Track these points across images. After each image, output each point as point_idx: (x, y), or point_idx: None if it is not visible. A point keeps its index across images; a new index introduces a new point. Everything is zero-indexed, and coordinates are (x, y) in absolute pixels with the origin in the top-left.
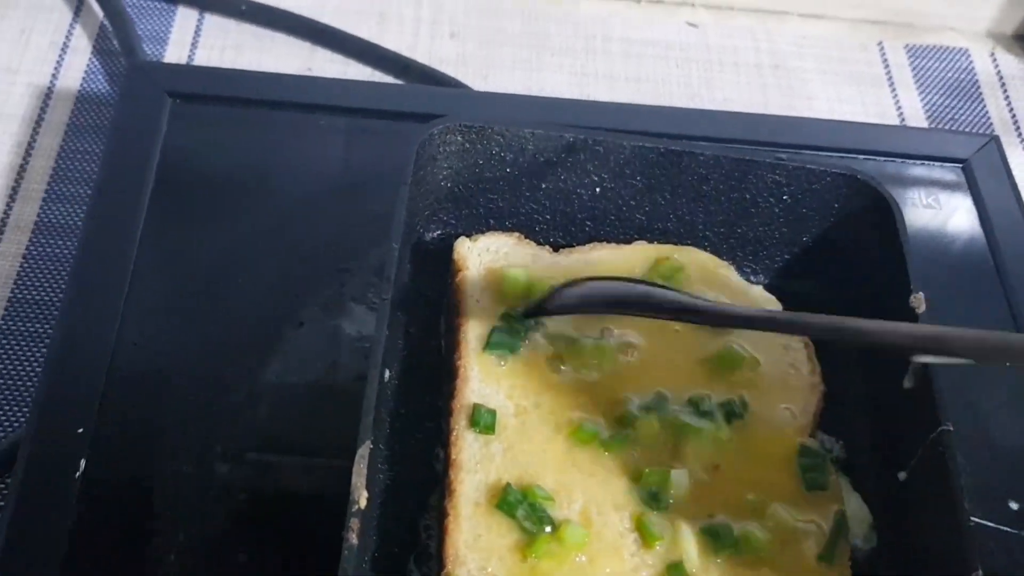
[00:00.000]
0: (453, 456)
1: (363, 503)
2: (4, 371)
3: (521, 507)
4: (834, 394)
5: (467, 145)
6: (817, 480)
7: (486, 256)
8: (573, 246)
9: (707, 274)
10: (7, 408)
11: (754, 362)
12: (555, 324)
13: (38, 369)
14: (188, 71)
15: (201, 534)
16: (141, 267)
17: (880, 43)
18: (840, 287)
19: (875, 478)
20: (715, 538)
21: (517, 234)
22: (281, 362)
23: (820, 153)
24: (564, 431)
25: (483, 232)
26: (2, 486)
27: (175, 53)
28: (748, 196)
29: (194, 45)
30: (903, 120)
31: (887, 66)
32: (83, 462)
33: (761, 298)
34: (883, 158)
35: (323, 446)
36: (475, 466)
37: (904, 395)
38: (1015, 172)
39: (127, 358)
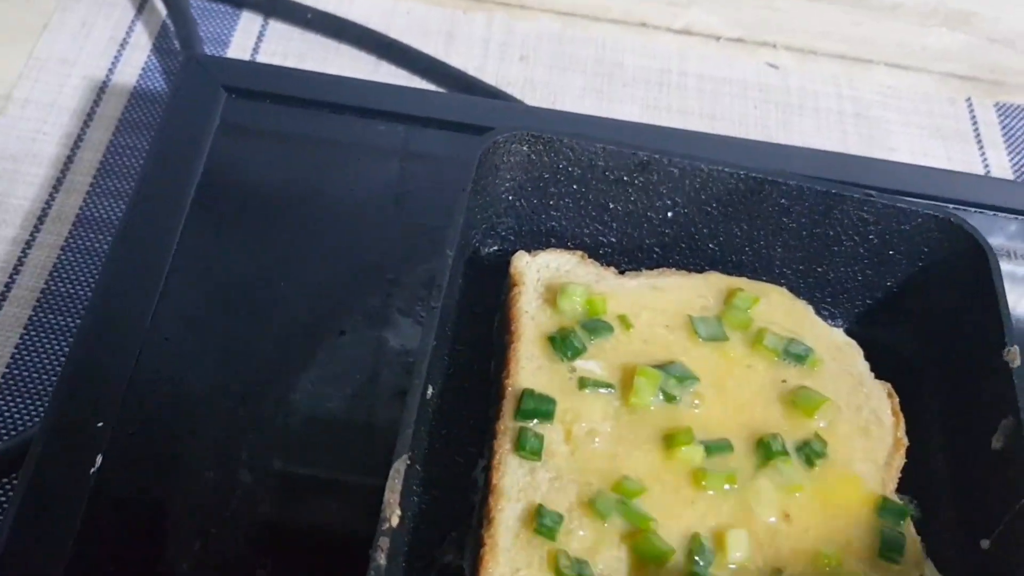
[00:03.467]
0: (495, 481)
1: (395, 521)
2: (33, 363)
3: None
4: (912, 450)
5: (533, 156)
6: (896, 542)
7: (545, 273)
8: (640, 271)
9: (784, 311)
10: (32, 401)
11: (833, 408)
12: (611, 351)
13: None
14: (246, 66)
15: (219, 544)
16: (179, 263)
17: (969, 99)
18: (926, 337)
19: (954, 545)
20: None
21: (580, 252)
22: (319, 371)
23: (907, 198)
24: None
25: (543, 249)
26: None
27: (236, 56)
28: (832, 233)
29: (256, 50)
30: None
31: (975, 123)
32: (100, 457)
33: (842, 341)
34: (973, 209)
35: (355, 461)
36: (518, 494)
37: (992, 456)
38: None
39: (157, 354)
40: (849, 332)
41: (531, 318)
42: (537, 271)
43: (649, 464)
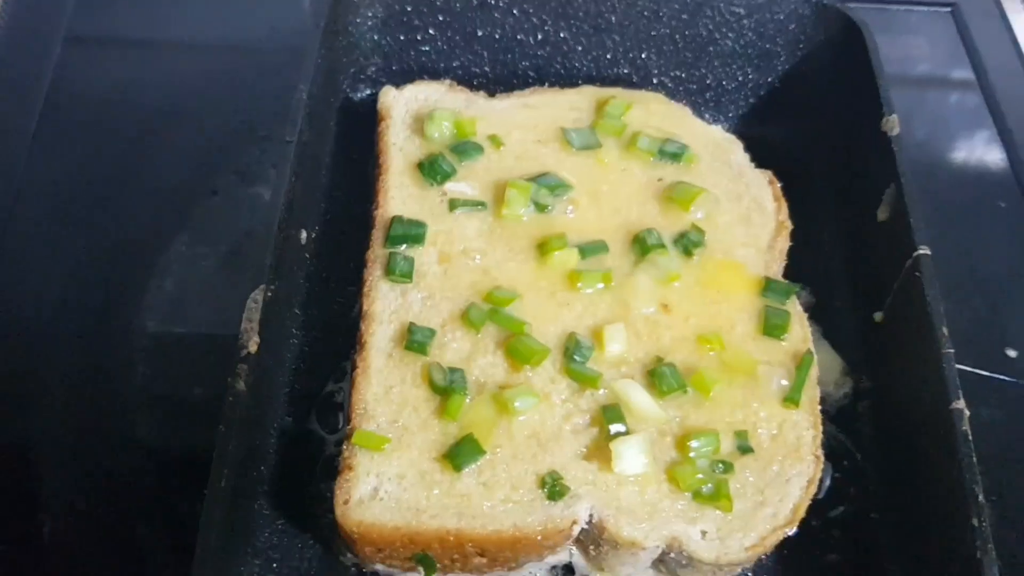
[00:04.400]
0: (365, 308)
1: (252, 348)
2: None
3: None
4: (805, 240)
5: None
6: (780, 319)
7: (413, 105)
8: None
9: (661, 115)
10: None
11: (710, 198)
12: (483, 171)
13: None
14: None
15: (93, 413)
16: (49, 122)
17: None
18: (810, 125)
19: (850, 324)
20: (660, 380)
21: (449, 81)
22: (191, 234)
23: None
24: (493, 278)
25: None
26: None
27: None
28: (705, 33)
29: None
30: None
31: None
32: None
33: (720, 137)
34: (867, 4)
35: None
36: (389, 316)
37: (878, 228)
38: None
39: (23, 232)
40: (735, 132)
41: (399, 149)
42: (405, 104)
43: (524, 272)
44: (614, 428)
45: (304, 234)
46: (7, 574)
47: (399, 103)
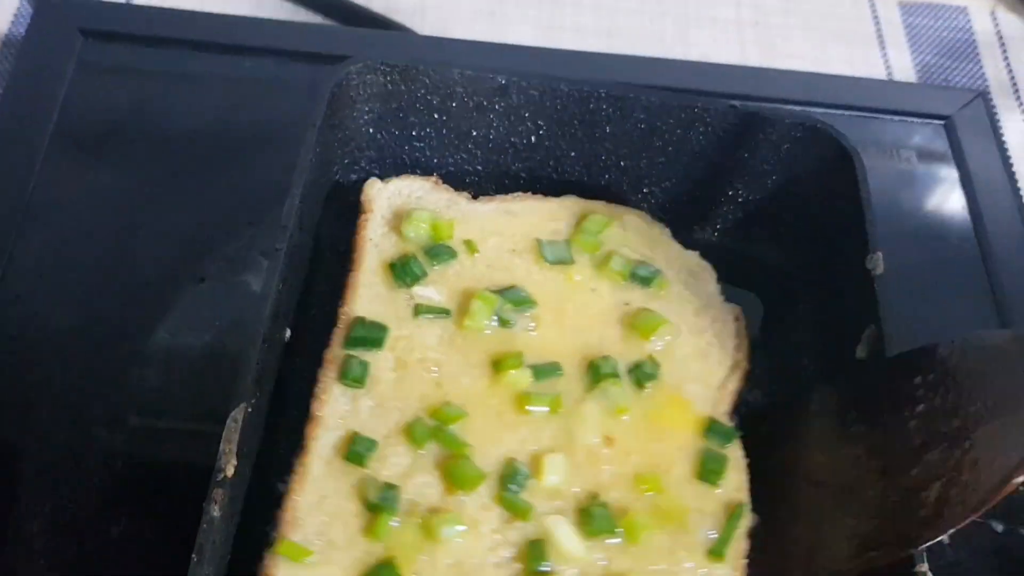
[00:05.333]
0: (314, 410)
1: (230, 472)
2: None
3: (370, 471)
4: (783, 355)
5: (390, 87)
6: (716, 464)
7: (396, 200)
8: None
9: (639, 234)
10: None
11: (672, 329)
12: (454, 277)
13: None
14: (100, 6)
15: (72, 503)
16: (34, 209)
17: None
18: (795, 246)
19: None
20: (591, 521)
21: (435, 178)
22: (177, 320)
23: (792, 107)
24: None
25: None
26: None
27: None
28: (699, 149)
29: None
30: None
31: (877, 23)
32: None
33: (695, 264)
34: (861, 113)
35: (214, 411)
36: (336, 422)
37: (857, 365)
38: (1009, 136)
39: (8, 302)
40: (720, 246)
41: (375, 245)
42: (388, 198)
43: (475, 389)
44: (538, 566)
45: (288, 333)
46: None
47: (382, 196)
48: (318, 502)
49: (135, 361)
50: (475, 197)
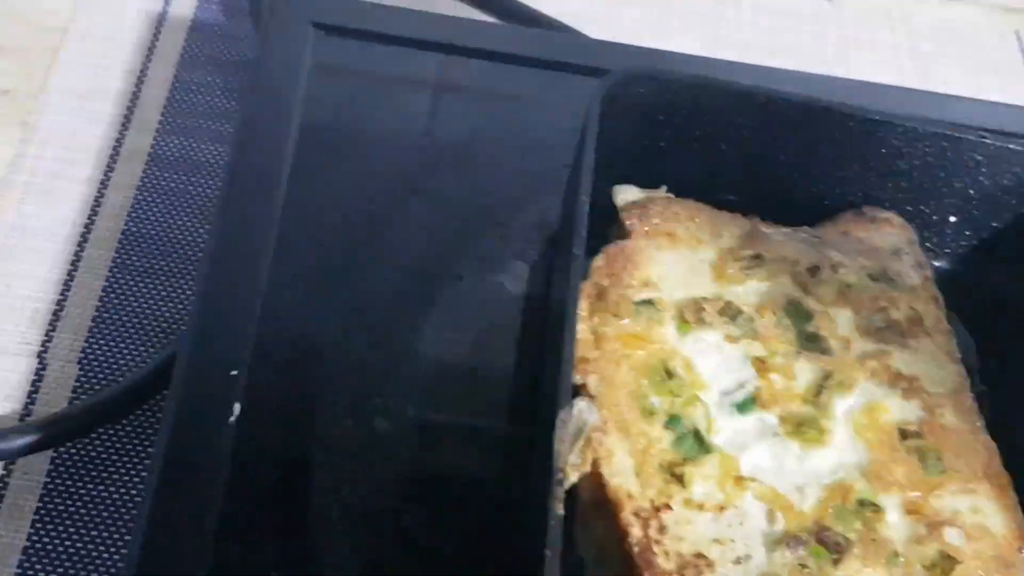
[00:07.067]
0: None
1: (574, 477)
2: (122, 303)
3: None
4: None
5: (651, 98)
6: None
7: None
8: None
9: None
10: (125, 342)
11: None
12: None
13: (153, 305)
14: (334, 2)
15: (363, 492)
16: (289, 211)
17: (1017, 31)
18: None
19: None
20: None
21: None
22: (440, 317)
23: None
24: None
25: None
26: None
27: None
28: (943, 175)
29: None
30: None
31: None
32: (237, 406)
33: None
34: None
35: (487, 407)
36: None
37: None
38: None
39: (279, 305)
40: (950, 271)
41: None
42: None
43: None
44: None
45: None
46: None
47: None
48: None
49: (407, 358)
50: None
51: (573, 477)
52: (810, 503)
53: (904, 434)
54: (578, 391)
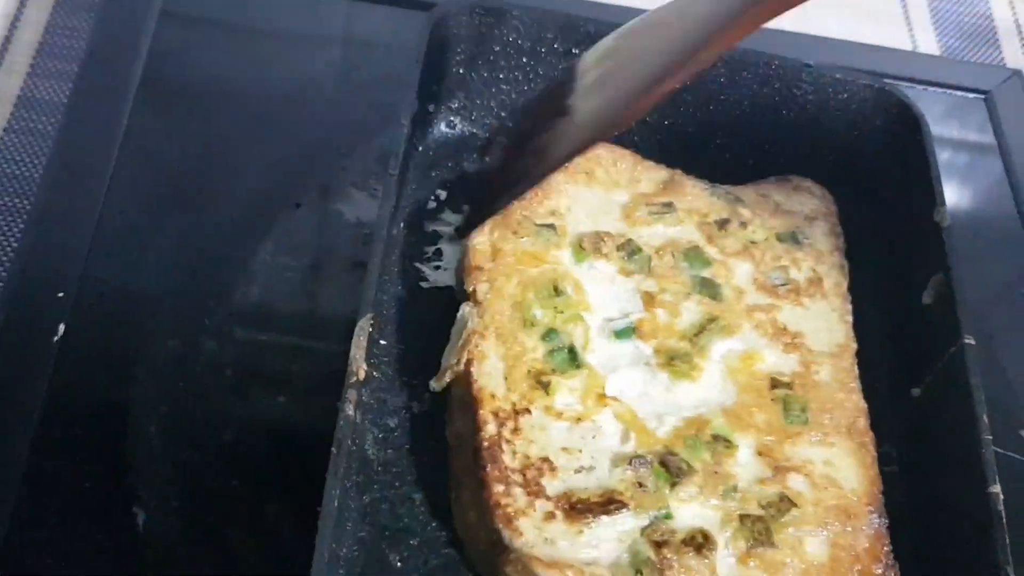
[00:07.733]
0: None
1: (361, 375)
2: None
3: None
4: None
5: (483, 29)
6: None
7: None
8: None
9: None
10: None
11: None
12: None
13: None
14: None
15: (185, 409)
16: (131, 139)
17: None
18: (862, 202)
19: (887, 392)
20: None
21: None
22: (275, 243)
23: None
24: None
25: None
26: None
27: None
28: (770, 104)
29: None
30: None
31: (904, 5)
32: (62, 327)
33: None
34: (904, 83)
35: (316, 328)
36: None
37: (923, 310)
38: None
39: (114, 227)
40: None
41: None
42: None
43: None
44: None
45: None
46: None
47: None
48: None
49: (239, 279)
50: None
51: (447, 377)
52: (665, 430)
53: (775, 383)
54: (467, 297)
